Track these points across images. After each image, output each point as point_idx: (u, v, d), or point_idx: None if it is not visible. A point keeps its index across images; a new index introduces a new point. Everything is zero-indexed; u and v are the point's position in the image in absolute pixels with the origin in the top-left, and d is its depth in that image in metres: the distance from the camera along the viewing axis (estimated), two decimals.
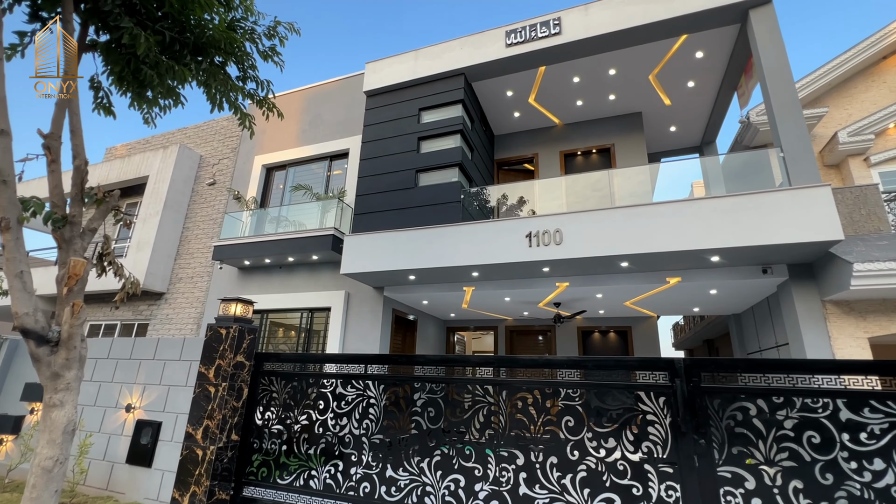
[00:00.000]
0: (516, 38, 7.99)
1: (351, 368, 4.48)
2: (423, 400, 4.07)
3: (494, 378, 3.91)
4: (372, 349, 8.27)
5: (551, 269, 7.01)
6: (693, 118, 9.82)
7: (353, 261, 7.74)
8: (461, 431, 3.78)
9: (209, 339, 5.04)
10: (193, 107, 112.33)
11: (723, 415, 3.06)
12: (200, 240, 11.16)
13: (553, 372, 3.77)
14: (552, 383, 3.63)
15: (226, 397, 4.70)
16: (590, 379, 3.60)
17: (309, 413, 4.49)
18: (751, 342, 8.65)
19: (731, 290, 7.19)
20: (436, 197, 7.79)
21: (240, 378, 4.88)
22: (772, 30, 6.49)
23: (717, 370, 3.25)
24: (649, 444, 3.16)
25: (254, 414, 4.82)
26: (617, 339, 10.19)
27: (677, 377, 3.24)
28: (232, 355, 4.85)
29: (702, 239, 5.82)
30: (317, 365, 4.79)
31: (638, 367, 3.47)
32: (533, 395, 3.67)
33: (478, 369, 4.12)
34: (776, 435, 2.88)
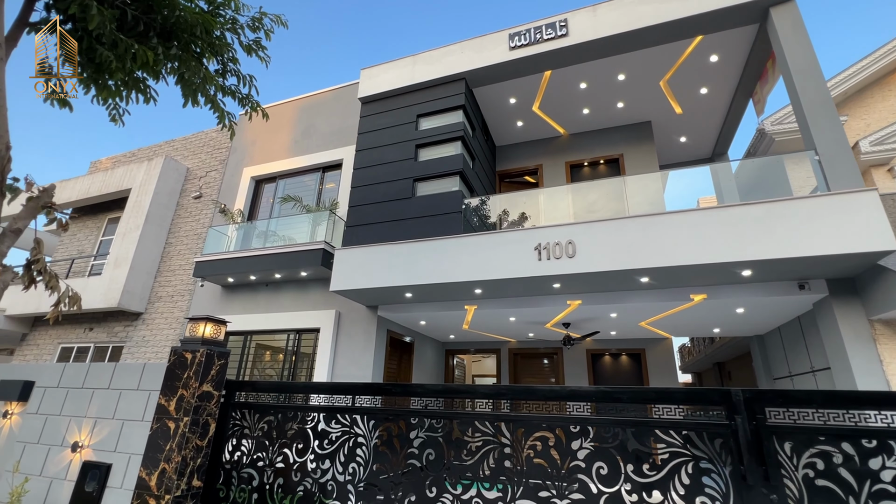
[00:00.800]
0: (520, 40, 7.55)
1: (336, 400, 3.78)
2: (422, 439, 3.35)
3: (507, 413, 3.21)
4: (364, 375, 7.51)
5: (562, 286, 6.35)
6: (705, 128, 9.36)
7: (344, 277, 7.06)
8: (468, 478, 3.08)
9: (172, 366, 4.33)
10: (185, 119, 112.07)
11: (798, 462, 2.38)
12: (183, 256, 10.47)
13: (577, 406, 3.09)
14: (578, 419, 2.94)
15: (188, 434, 3.94)
16: (625, 414, 2.90)
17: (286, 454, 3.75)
18: (778, 366, 7.93)
19: (761, 308, 6.53)
20: (435, 207, 7.19)
21: (206, 411, 4.13)
22: (796, 27, 6.05)
23: (787, 404, 2.58)
24: (705, 500, 2.47)
25: (221, 454, 4.06)
26: (630, 364, 9.45)
27: (736, 413, 2.56)
28: (197, 384, 4.13)
29: (732, 251, 5.20)
30: (297, 396, 4.08)
31: (684, 399, 2.79)
32: (555, 433, 2.98)
33: (487, 402, 3.42)
34: (871, 490, 2.21)
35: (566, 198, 7.91)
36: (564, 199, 7.92)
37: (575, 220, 6.90)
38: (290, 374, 8.24)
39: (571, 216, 7.36)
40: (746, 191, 7.90)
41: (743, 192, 7.69)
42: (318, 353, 7.95)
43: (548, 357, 10.19)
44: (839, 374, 5.54)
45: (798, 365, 7.04)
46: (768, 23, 6.45)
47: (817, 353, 6.31)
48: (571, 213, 7.44)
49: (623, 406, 2.92)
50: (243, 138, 11.25)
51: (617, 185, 7.88)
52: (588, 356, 9.65)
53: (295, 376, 8.24)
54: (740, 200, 6.97)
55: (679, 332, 8.82)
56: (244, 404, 4.17)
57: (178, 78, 4.29)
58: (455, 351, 11.08)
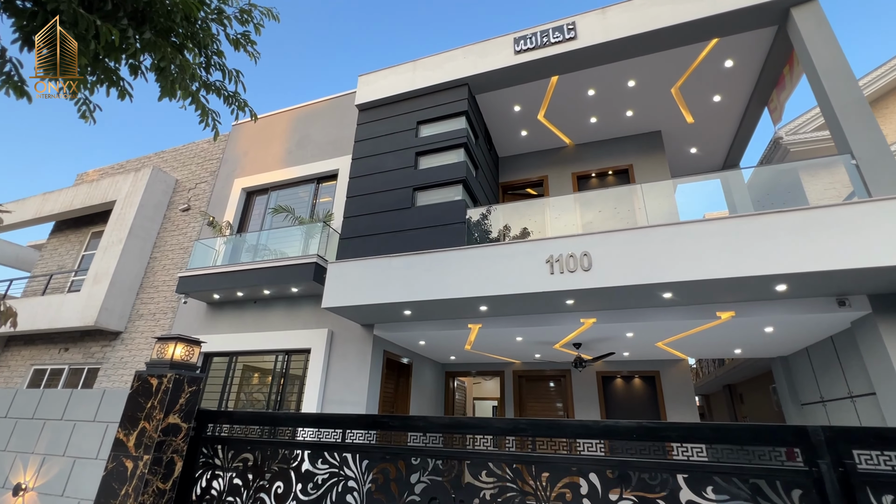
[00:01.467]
0: (526, 44, 7.20)
1: (324, 434, 3.19)
2: (425, 484, 2.78)
3: (530, 454, 2.64)
4: (358, 400, 6.86)
5: (576, 302, 5.80)
6: (717, 138, 9.00)
7: (336, 292, 6.49)
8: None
9: (134, 393, 3.73)
10: (186, 133, 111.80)
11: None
12: (168, 271, 9.87)
13: (609, 444, 2.54)
14: (617, 463, 2.36)
15: (147, 476, 3.31)
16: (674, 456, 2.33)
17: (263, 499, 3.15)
18: (807, 391, 7.34)
19: (791, 327, 6.00)
20: (436, 217, 6.69)
21: (171, 447, 3.51)
22: (821, 26, 5.71)
23: (883, 446, 2.02)
24: None
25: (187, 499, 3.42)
26: (644, 387, 8.82)
27: (818, 458, 2.01)
28: (162, 415, 3.51)
29: (766, 263, 4.69)
30: (278, 429, 3.49)
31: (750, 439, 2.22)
32: (588, 479, 2.41)
33: (503, 438, 2.85)
34: None
35: (574, 209, 7.43)
36: (572, 210, 7.43)
37: (586, 231, 6.39)
38: (278, 399, 7.57)
39: (580, 228, 6.86)
40: (760, 206, 7.47)
41: (757, 207, 7.24)
42: (308, 376, 7.31)
43: (555, 380, 9.55)
44: (888, 401, 4.97)
45: (832, 389, 6.46)
46: (788, 24, 6.12)
47: (857, 376, 5.75)
48: (580, 226, 6.95)
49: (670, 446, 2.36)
50: (235, 149, 10.82)
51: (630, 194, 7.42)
52: (599, 379, 9.02)
53: (283, 401, 7.56)
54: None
55: (696, 354, 8.24)
56: (217, 438, 3.57)
57: (155, 69, 3.83)
58: (456, 373, 10.42)
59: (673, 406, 8.33)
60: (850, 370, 5.89)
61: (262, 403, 7.83)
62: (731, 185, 8.29)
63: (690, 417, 8.10)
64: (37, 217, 11.88)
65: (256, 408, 7.83)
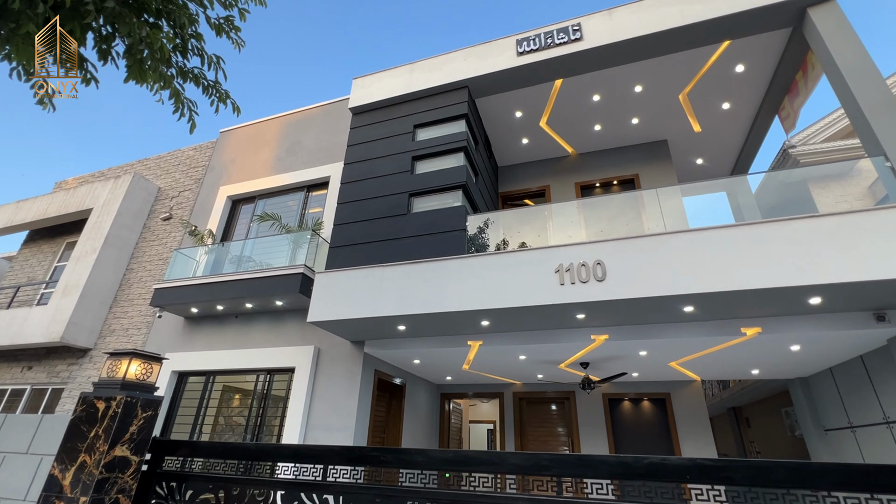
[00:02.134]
0: (529, 45, 6.88)
1: (303, 471, 2.65)
2: None
3: (553, 497, 2.10)
4: (346, 425, 6.21)
5: (588, 316, 5.29)
6: (724, 148, 8.69)
7: (324, 305, 5.92)
8: None
9: (76, 420, 3.15)
10: (169, 140, 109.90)
11: None
12: (145, 283, 9.22)
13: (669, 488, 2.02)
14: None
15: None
16: None
17: None
18: (831, 414, 6.82)
19: (821, 344, 5.52)
20: (434, 224, 6.19)
21: (117, 487, 2.94)
22: (841, 25, 5.42)
23: None
24: None
25: None
26: (654, 410, 8.24)
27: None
28: (106, 446, 2.93)
29: (801, 272, 4.24)
30: (251, 463, 2.93)
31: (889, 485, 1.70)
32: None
33: (525, 479, 2.33)
34: None
35: (579, 222, 6.98)
36: (577, 223, 6.98)
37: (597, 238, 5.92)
38: (258, 424, 6.87)
39: (585, 238, 6.39)
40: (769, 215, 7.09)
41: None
42: (291, 398, 6.65)
43: (558, 402, 8.93)
44: None
45: (863, 414, 5.94)
46: (804, 25, 5.85)
47: (892, 398, 5.25)
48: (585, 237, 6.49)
49: (751, 492, 1.84)
50: (222, 156, 10.34)
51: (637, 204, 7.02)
52: (605, 401, 8.43)
53: (264, 426, 6.88)
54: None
55: (710, 374, 7.71)
56: (175, 475, 2.99)
57: (125, 51, 3.37)
58: (451, 395, 9.76)
59: (686, 432, 7.74)
60: (886, 393, 5.39)
61: (241, 428, 7.13)
62: (739, 200, 7.94)
63: (705, 444, 7.51)
64: (9, 226, 11.21)
65: (236, 433, 7.12)
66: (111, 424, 2.99)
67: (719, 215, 9.54)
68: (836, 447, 6.74)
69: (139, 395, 3.26)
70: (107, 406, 3.06)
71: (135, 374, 3.39)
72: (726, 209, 8.72)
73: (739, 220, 6.08)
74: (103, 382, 3.31)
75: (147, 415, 3.24)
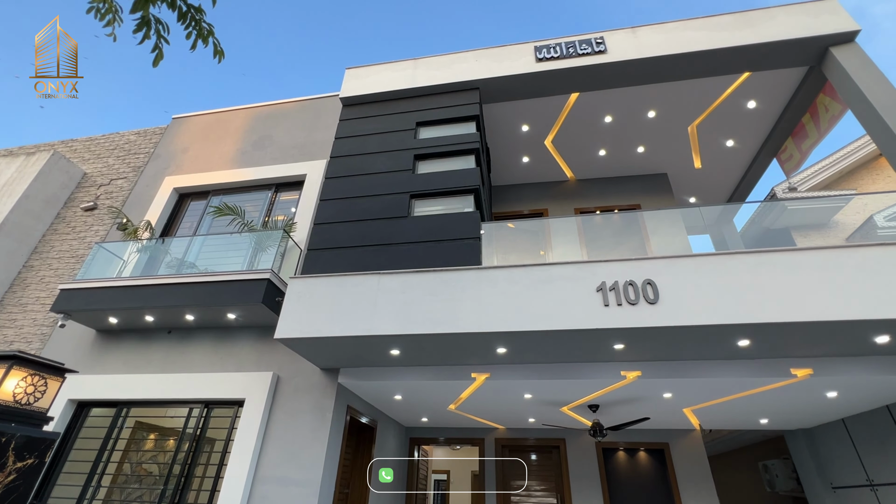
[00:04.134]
0: (549, 53, 6.42)
1: None
2: None
3: None
4: (310, 478, 4.79)
5: (627, 347, 4.47)
6: (718, 188, 8.66)
7: (299, 318, 4.64)
8: None
9: None
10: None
11: None
12: (48, 285, 7.27)
13: None
14: None
15: None
16: None
17: None
18: (842, 470, 6.38)
19: (859, 391, 5.07)
20: (442, 230, 5.23)
21: None
22: (866, 65, 5.43)
23: None
24: None
25: None
26: (651, 462, 7.45)
27: None
28: None
29: (871, 305, 3.75)
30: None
31: None
32: None
33: None
34: None
35: (575, 240, 6.38)
36: (573, 243, 6.37)
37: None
38: (185, 474, 5.19)
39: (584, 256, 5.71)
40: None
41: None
42: (236, 440, 5.10)
43: (546, 451, 7.90)
44: None
45: (888, 470, 5.51)
46: (825, 63, 5.86)
47: None
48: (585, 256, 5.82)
49: None
50: (172, 144, 8.82)
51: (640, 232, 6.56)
52: (599, 451, 7.53)
53: (190, 477, 5.20)
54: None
55: (715, 423, 7.11)
56: None
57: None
58: (421, 440, 8.40)
59: (687, 487, 6.99)
60: None
61: (155, 480, 5.38)
62: (726, 239, 7.77)
63: (709, 500, 6.78)
64: None
65: (144, 485, 5.35)
66: None
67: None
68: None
69: (15, 429, 1.95)
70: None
71: (16, 394, 2.06)
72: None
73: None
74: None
75: (25, 465, 1.92)
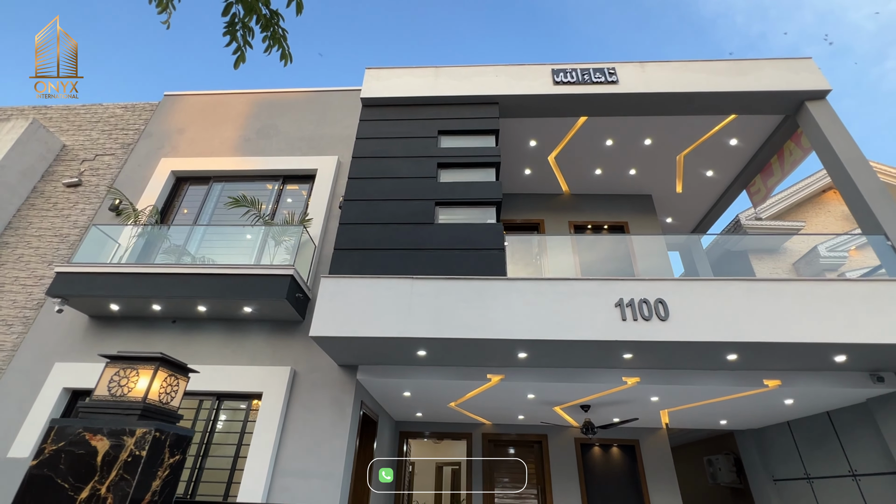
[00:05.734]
0: (566, 77, 6.87)
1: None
2: None
3: None
4: (331, 471, 4.97)
5: (635, 356, 5.03)
6: (692, 211, 9.56)
7: (334, 317, 4.79)
8: None
9: (39, 472, 1.86)
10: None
11: None
12: (28, 265, 6.81)
13: None
14: None
15: None
16: None
17: None
18: (784, 466, 7.41)
19: (813, 399, 5.98)
20: (466, 240, 5.53)
21: None
22: (835, 121, 6.32)
23: None
24: None
25: None
26: (622, 457, 8.21)
27: None
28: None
29: (839, 330, 4.52)
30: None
31: None
32: None
33: None
34: None
35: (569, 257, 6.93)
36: (567, 258, 6.92)
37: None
38: (197, 468, 5.17)
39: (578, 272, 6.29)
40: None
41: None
42: (255, 434, 5.16)
43: (528, 446, 8.46)
44: None
45: (823, 466, 6.52)
46: (799, 114, 6.72)
47: (865, 453, 5.83)
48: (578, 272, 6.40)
49: None
50: (166, 123, 8.44)
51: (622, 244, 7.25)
52: (577, 447, 8.19)
53: (201, 473, 5.19)
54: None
55: (682, 423, 7.97)
56: None
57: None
58: (410, 434, 8.70)
59: (654, 479, 7.80)
60: (854, 447, 5.97)
61: None
62: (694, 258, 8.63)
63: (672, 492, 7.62)
64: None
65: None
66: (125, 476, 1.83)
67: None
68: (786, 498, 7.30)
69: (168, 428, 2.12)
70: (116, 445, 1.90)
71: (158, 394, 2.22)
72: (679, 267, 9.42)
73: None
74: (103, 404, 2.10)
75: (175, 461, 2.10)
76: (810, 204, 10.81)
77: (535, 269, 6.75)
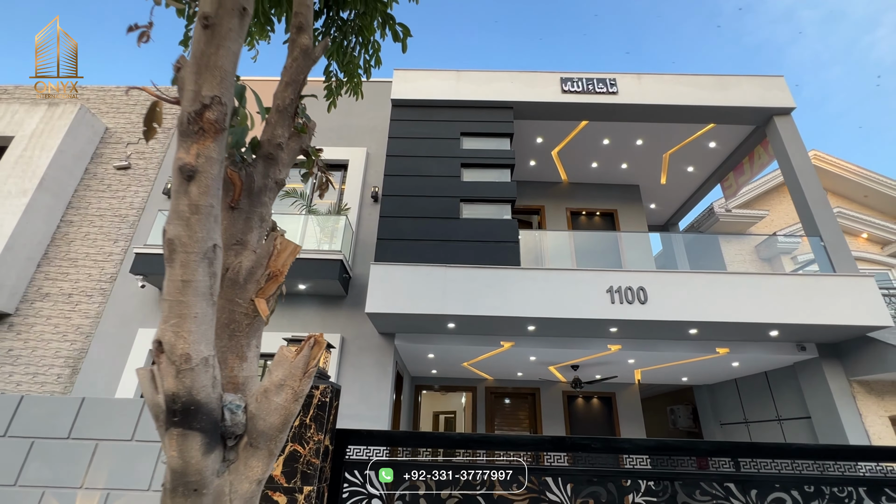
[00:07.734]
0: (573, 86, 7.81)
1: (503, 456, 3.06)
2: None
3: (735, 472, 2.96)
4: (378, 416, 6.33)
5: (619, 330, 6.41)
6: (673, 199, 10.83)
7: (384, 297, 5.98)
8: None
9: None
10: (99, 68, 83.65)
11: None
12: (95, 242, 7.69)
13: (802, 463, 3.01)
14: (814, 479, 2.83)
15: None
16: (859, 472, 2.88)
17: None
18: (728, 413, 9.18)
19: (752, 362, 7.54)
20: (486, 233, 6.69)
21: (324, 476, 3.07)
22: (795, 136, 7.52)
23: None
24: None
25: None
26: (601, 407, 9.89)
27: None
28: (320, 436, 3.07)
29: (774, 313, 5.94)
30: (438, 451, 3.21)
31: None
32: (790, 495, 2.83)
33: (709, 459, 3.12)
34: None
35: (567, 246, 8.18)
36: (565, 248, 8.16)
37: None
38: None
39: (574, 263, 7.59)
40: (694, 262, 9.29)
41: (692, 260, 8.87)
42: None
43: (524, 397, 10.06)
44: (822, 424, 6.64)
45: (758, 413, 8.24)
46: (768, 126, 7.88)
47: (789, 404, 7.49)
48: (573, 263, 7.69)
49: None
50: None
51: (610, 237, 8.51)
52: (564, 398, 9.82)
53: None
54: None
55: (651, 379, 9.62)
56: (375, 462, 3.15)
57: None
58: (423, 386, 10.19)
59: (626, 424, 9.52)
60: (782, 399, 7.64)
61: None
62: (671, 240, 9.97)
63: (640, 435, 9.36)
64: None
65: None
66: (319, 413, 3.06)
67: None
68: (729, 436, 9.11)
69: (332, 383, 3.33)
70: (310, 395, 3.10)
71: (323, 362, 3.41)
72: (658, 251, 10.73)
73: (671, 262, 7.90)
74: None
75: (337, 403, 3.32)
76: (775, 192, 12.18)
77: (537, 257, 7.96)
